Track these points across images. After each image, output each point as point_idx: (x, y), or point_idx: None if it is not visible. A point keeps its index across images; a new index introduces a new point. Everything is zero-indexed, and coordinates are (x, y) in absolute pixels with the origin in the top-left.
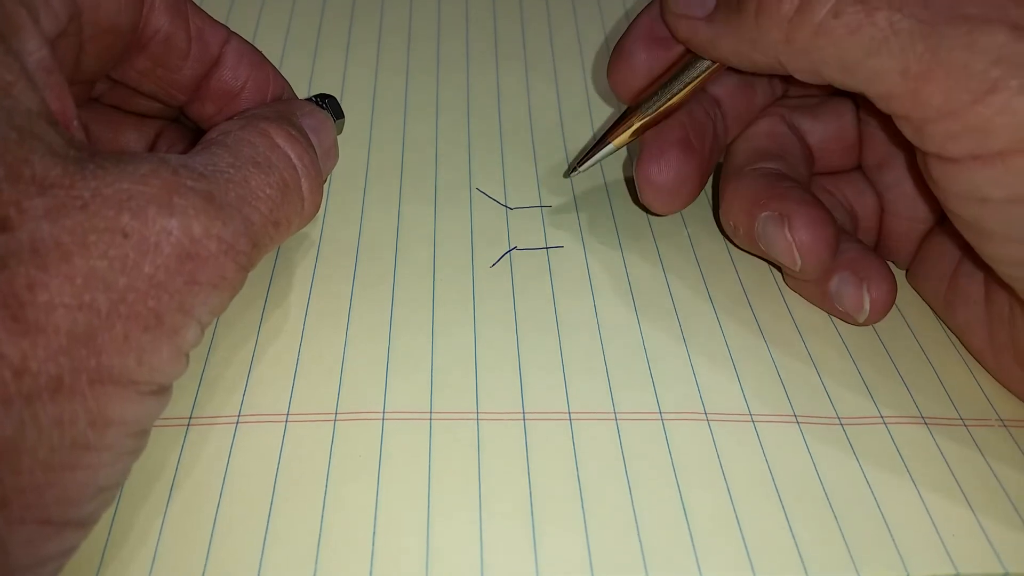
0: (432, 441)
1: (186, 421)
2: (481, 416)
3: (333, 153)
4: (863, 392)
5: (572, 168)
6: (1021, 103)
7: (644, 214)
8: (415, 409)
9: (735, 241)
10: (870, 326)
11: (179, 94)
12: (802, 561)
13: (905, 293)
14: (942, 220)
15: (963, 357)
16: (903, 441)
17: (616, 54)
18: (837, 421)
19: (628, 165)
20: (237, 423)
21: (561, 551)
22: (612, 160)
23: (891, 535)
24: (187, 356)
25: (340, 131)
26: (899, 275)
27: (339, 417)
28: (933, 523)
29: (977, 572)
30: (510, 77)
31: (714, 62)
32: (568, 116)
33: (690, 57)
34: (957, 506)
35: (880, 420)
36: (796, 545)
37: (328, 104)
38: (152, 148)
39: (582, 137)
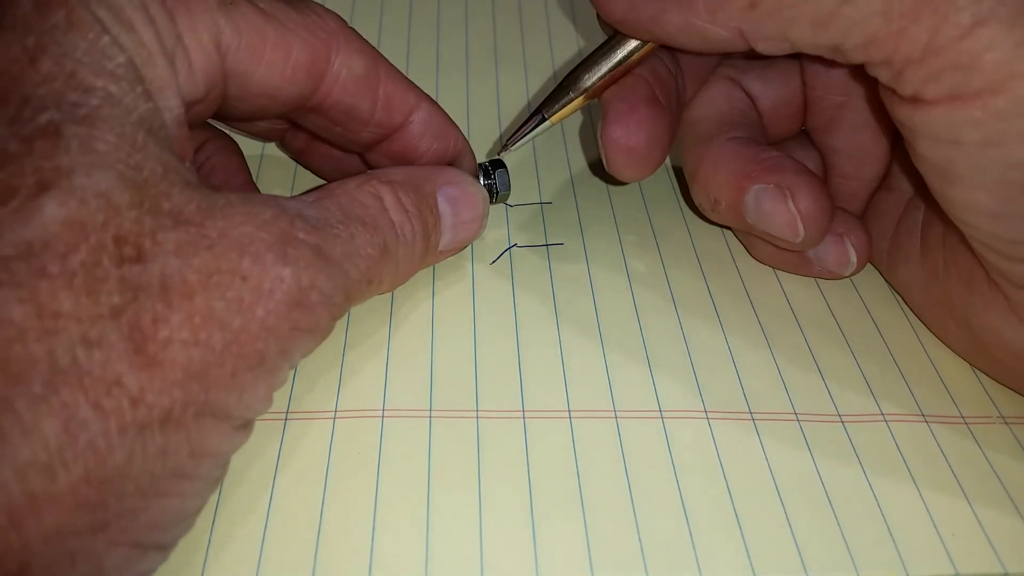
0: (432, 439)
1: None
2: (481, 414)
3: (474, 225)
4: (864, 390)
5: (504, 146)
6: (1008, 38)
7: (644, 210)
8: (415, 407)
9: (710, 216)
10: (872, 324)
11: (355, 148)
12: (801, 560)
13: None
14: (886, 179)
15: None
16: (904, 439)
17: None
18: (838, 419)
19: None
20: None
21: (561, 549)
22: None
23: (891, 534)
24: (273, 395)
25: (505, 200)
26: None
27: (339, 415)
28: (933, 522)
29: (977, 572)
30: (509, 77)
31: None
32: None
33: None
34: (957, 505)
35: (881, 418)
36: (796, 544)
37: (495, 176)
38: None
39: (581, 134)
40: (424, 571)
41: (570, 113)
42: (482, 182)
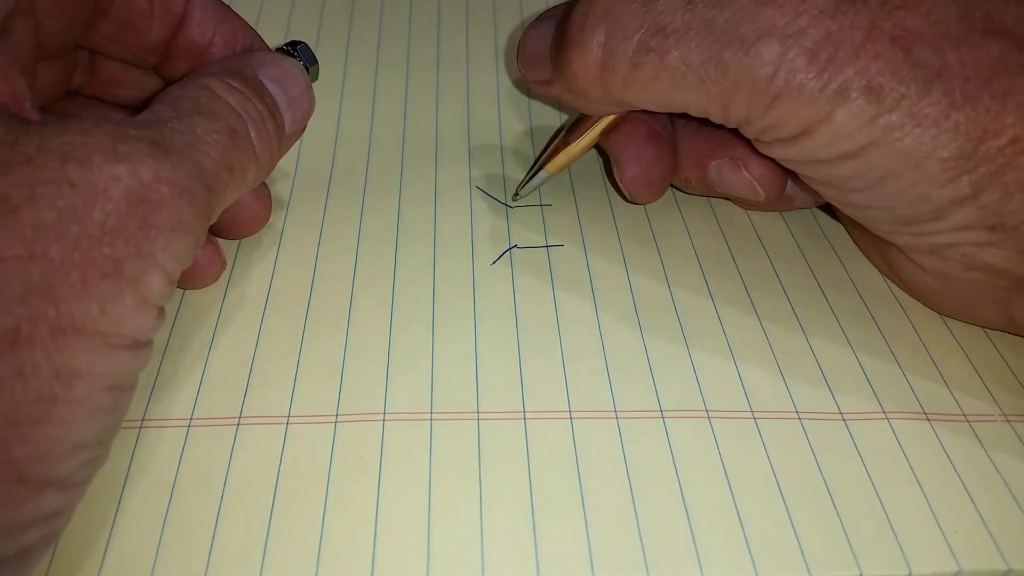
0: (433, 441)
1: (187, 423)
2: (481, 416)
3: (305, 101)
4: (865, 388)
5: (515, 194)
6: (800, 103)
7: (643, 211)
8: (416, 409)
9: (689, 191)
10: (873, 323)
11: (149, 56)
12: (804, 558)
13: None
14: None
15: (965, 352)
16: (906, 437)
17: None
18: (839, 416)
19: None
20: (238, 425)
21: (562, 550)
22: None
23: (893, 532)
24: (159, 309)
25: (315, 78)
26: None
27: (340, 419)
28: (936, 519)
29: (980, 568)
30: (509, 77)
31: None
32: (569, 115)
33: None
34: (960, 502)
35: (883, 416)
36: (798, 542)
37: (299, 51)
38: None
39: None
40: (426, 573)
41: (568, 164)
42: None
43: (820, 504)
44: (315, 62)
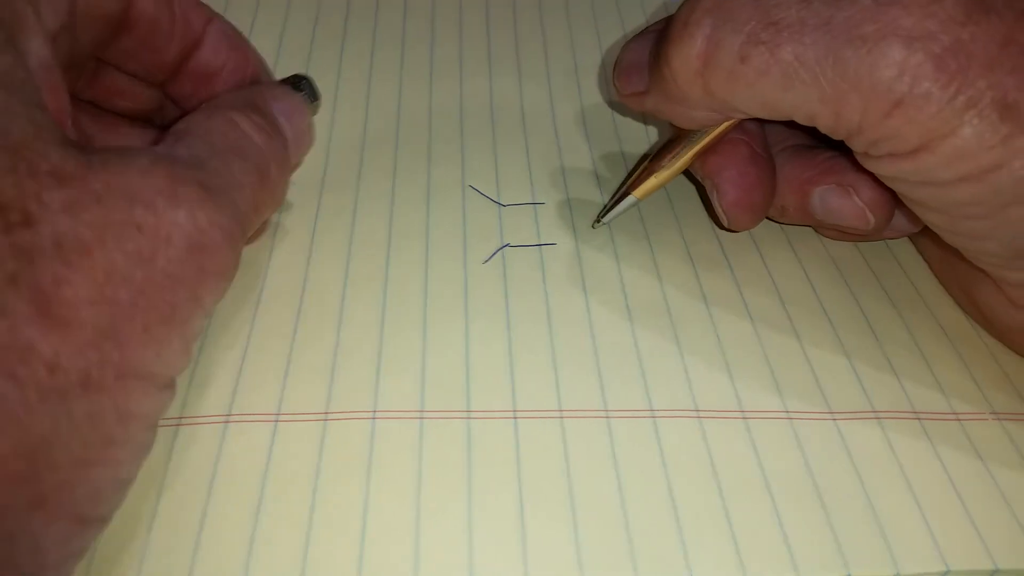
0: (423, 440)
1: (176, 421)
2: (472, 415)
3: (307, 137)
4: (856, 387)
5: (598, 219)
6: (923, 113)
7: (637, 210)
8: (406, 408)
9: (778, 219)
10: (865, 321)
11: (159, 74)
12: (792, 558)
13: (902, 288)
14: None
15: (957, 351)
16: (895, 436)
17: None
18: (830, 416)
19: (608, 163)
20: (227, 423)
21: (550, 550)
22: (605, 160)
23: (882, 532)
24: (192, 348)
25: (315, 112)
26: (900, 261)
27: (329, 417)
28: (925, 519)
29: (967, 569)
30: (503, 80)
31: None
32: (561, 116)
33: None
34: (949, 502)
35: (873, 415)
36: (786, 542)
37: (305, 86)
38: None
39: (575, 135)
40: (414, 571)
41: (658, 189)
42: None
43: (809, 504)
44: (318, 98)
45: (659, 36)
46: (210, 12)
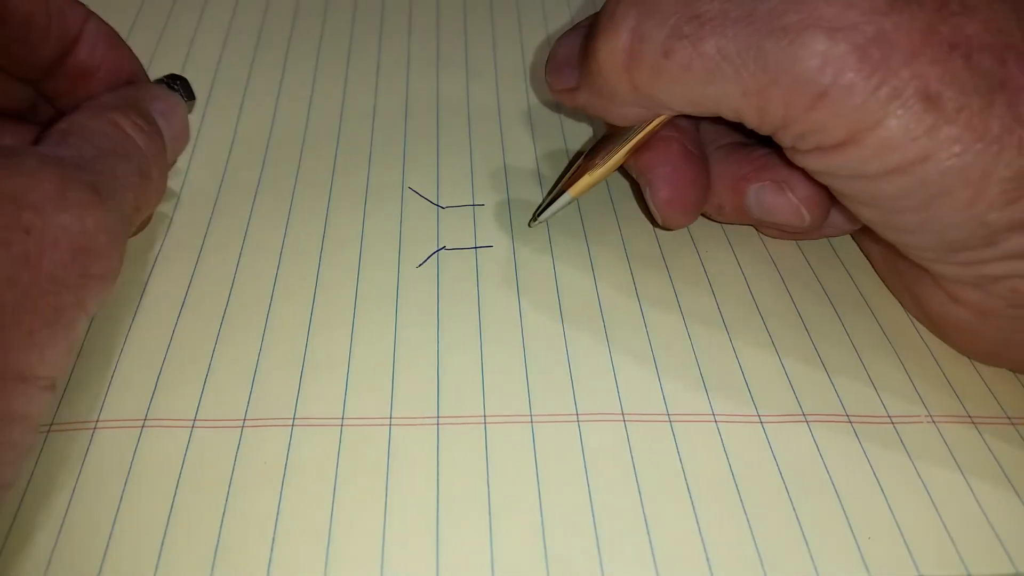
0: (342, 447)
1: (93, 424)
2: (395, 421)
3: (184, 136)
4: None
5: (533, 217)
6: (847, 105)
7: (576, 209)
8: (327, 415)
9: (715, 219)
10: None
11: (33, 72)
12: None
13: (843, 288)
14: None
15: (896, 352)
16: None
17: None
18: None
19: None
20: (143, 428)
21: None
22: (549, 159)
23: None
24: (75, 350)
25: (191, 111)
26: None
27: (247, 424)
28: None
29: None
30: (450, 82)
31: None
32: (507, 116)
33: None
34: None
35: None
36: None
37: (180, 86)
38: None
39: (521, 135)
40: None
41: (592, 186)
42: None
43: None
44: (193, 97)
45: (588, 30)
46: (87, 11)
